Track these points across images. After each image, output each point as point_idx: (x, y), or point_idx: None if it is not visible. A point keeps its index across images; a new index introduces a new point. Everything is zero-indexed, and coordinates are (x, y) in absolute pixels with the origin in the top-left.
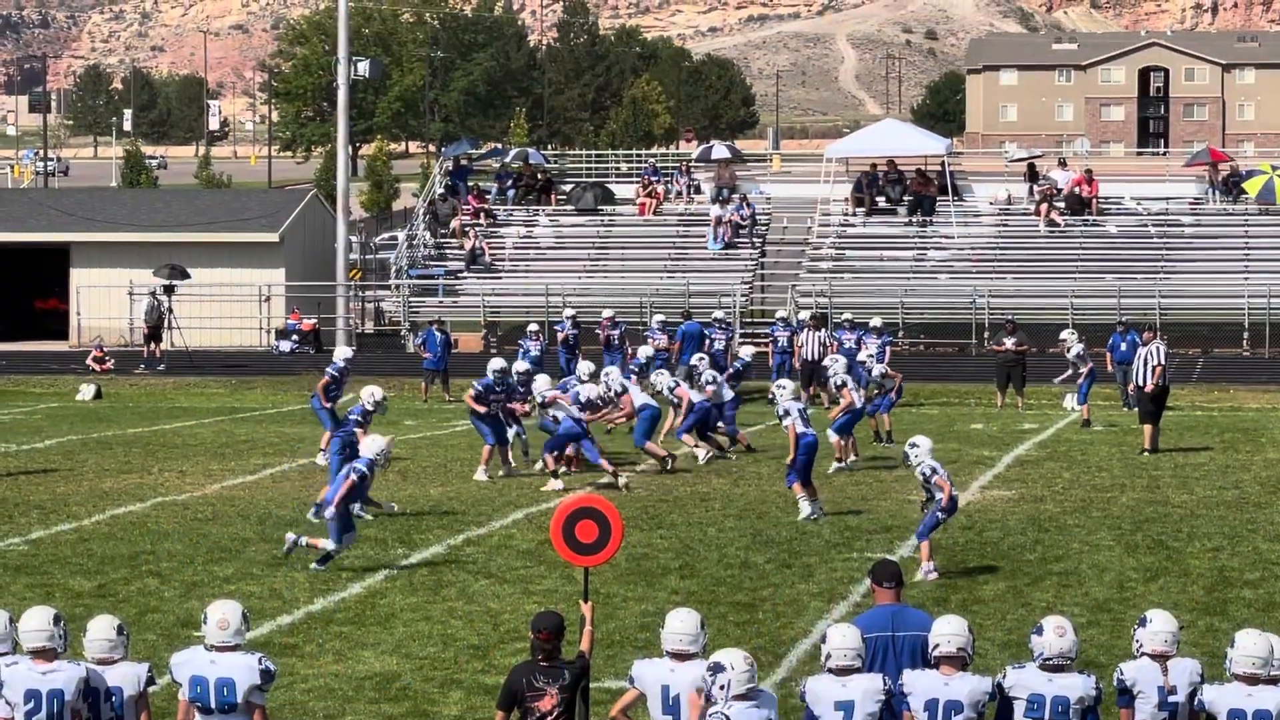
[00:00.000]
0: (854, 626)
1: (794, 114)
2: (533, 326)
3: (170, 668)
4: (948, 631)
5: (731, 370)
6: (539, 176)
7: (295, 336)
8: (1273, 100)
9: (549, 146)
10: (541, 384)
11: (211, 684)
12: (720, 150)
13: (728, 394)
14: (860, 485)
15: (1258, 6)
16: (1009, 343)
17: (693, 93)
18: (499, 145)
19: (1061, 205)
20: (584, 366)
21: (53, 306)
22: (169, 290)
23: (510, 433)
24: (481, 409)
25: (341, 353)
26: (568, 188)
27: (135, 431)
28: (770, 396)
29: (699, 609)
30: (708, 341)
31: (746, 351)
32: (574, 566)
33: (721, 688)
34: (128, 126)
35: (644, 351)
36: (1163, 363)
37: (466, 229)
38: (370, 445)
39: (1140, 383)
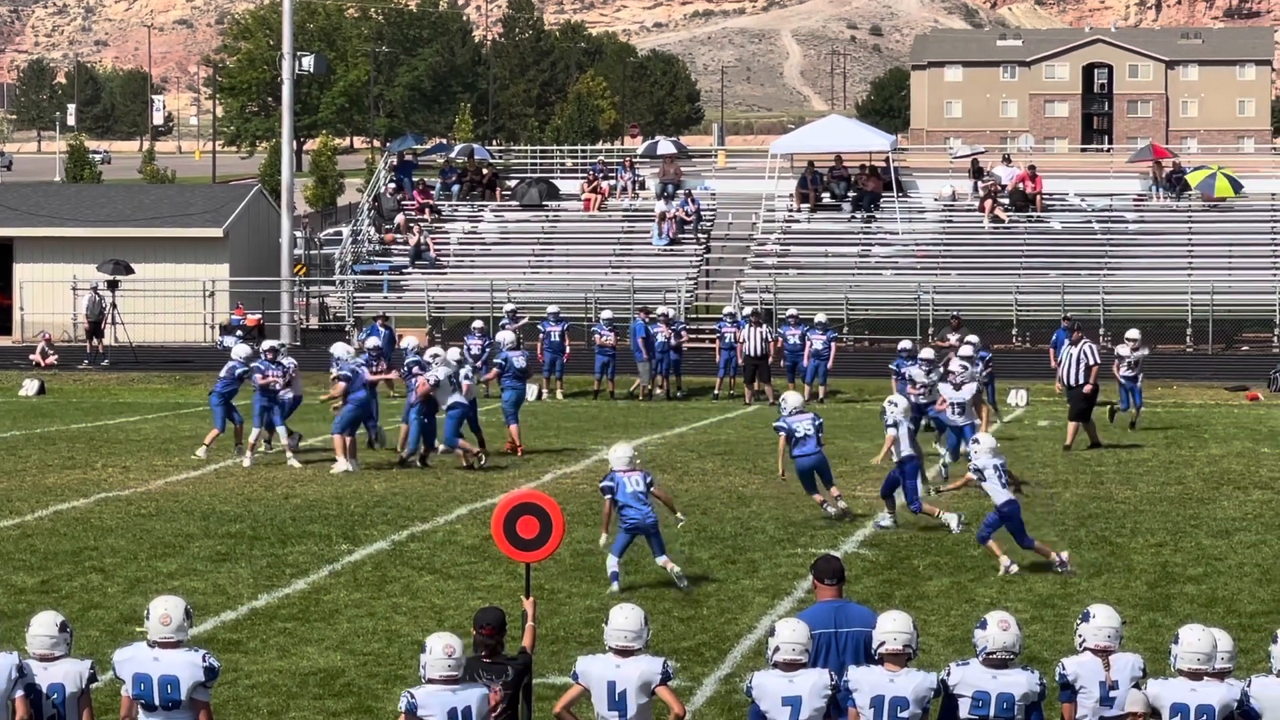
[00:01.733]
0: (801, 621)
1: (739, 110)
2: (477, 323)
3: (113, 665)
4: (892, 629)
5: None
6: (484, 172)
7: (239, 332)
8: (1216, 97)
9: (494, 142)
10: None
11: (155, 681)
12: (665, 146)
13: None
14: None
15: (1201, 3)
16: (953, 338)
17: (638, 88)
18: (444, 141)
19: (1006, 201)
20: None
21: None
22: (113, 285)
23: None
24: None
25: (240, 351)
26: (513, 183)
27: (79, 427)
28: (882, 410)
29: (643, 605)
30: (656, 337)
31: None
32: (517, 562)
33: (423, 667)
34: (71, 121)
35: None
36: (1099, 362)
37: (411, 224)
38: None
39: (1072, 382)
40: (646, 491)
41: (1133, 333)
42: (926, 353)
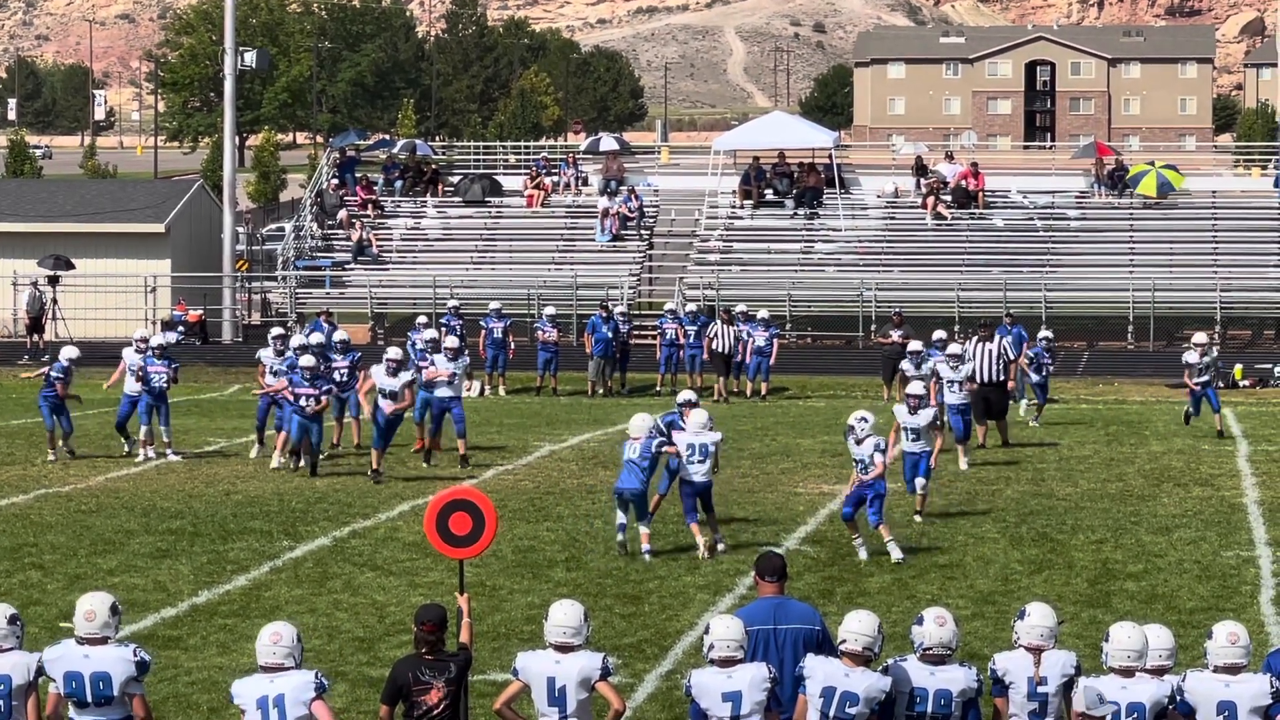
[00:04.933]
0: (736, 618)
1: (682, 106)
2: (421, 319)
3: (43, 664)
4: (856, 630)
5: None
6: (426, 168)
7: (181, 328)
8: (1158, 95)
9: (437, 138)
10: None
11: (87, 679)
12: (608, 142)
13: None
14: (746, 478)
15: (1143, 1)
16: (895, 335)
17: (581, 84)
18: (387, 137)
19: (948, 198)
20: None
21: None
22: (53, 281)
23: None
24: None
25: (67, 353)
26: (455, 179)
27: (18, 423)
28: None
29: (586, 601)
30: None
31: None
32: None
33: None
34: (12, 116)
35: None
36: (1017, 358)
37: (354, 220)
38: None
39: (990, 379)
40: (644, 459)
41: (1199, 337)
42: (954, 348)
